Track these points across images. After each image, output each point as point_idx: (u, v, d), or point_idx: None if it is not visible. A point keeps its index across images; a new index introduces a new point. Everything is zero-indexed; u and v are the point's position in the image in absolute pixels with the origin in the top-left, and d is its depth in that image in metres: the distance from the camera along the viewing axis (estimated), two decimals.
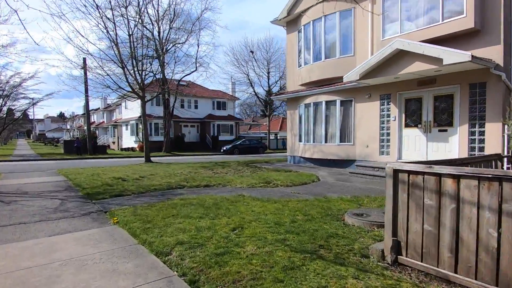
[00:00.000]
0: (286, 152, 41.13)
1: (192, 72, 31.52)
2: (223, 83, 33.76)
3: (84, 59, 28.43)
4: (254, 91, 40.26)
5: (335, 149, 14.09)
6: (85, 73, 29.44)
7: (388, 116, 12.22)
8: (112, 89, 19.15)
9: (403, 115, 11.82)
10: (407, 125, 11.74)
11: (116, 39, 17.14)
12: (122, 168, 16.02)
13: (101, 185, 10.29)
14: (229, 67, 50.77)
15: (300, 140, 16.15)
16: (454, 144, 10.31)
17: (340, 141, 13.93)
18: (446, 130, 10.56)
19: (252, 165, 16.47)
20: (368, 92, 12.82)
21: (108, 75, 17.63)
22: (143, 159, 24.62)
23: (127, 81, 18.33)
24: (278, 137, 51.36)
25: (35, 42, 6.21)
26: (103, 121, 61.23)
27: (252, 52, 39.13)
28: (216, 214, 6.10)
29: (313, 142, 14.98)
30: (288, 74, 17.13)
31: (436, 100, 10.80)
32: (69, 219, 6.20)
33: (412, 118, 11.55)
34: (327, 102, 14.31)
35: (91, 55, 17.26)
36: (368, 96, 12.86)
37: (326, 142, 14.46)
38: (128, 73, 18.30)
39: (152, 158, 26.94)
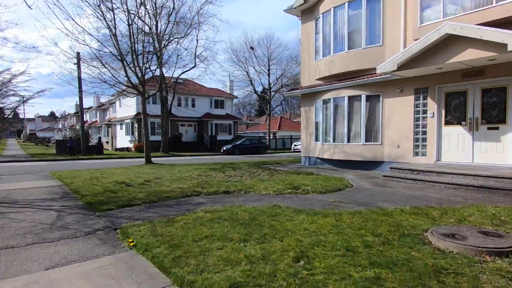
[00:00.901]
0: (289, 152, 40.05)
1: (191, 68, 30.03)
2: (222, 81, 32.26)
3: (78, 54, 26.85)
4: (254, 89, 38.94)
5: (360, 149, 12.81)
6: (79, 68, 27.81)
7: (425, 112, 10.97)
8: (109, 85, 17.66)
9: (443, 111, 10.58)
10: (448, 123, 10.50)
11: (115, 27, 15.66)
12: (122, 170, 14.56)
13: (103, 191, 8.86)
14: (227, 65, 49.26)
15: (317, 140, 14.85)
16: (508, 144, 9.09)
17: (366, 141, 12.66)
18: (497, 128, 9.34)
19: (264, 166, 15.12)
20: (400, 86, 11.56)
21: (105, 66, 16.12)
22: (142, 160, 23.13)
23: (127, 75, 16.85)
24: (278, 137, 50.08)
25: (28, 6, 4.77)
26: (96, 120, 59.34)
27: (252, 48, 37.80)
28: (261, 235, 4.75)
29: (334, 141, 13.68)
30: (302, 67, 15.80)
31: (484, 94, 9.57)
32: (71, 240, 4.80)
33: (455, 114, 10.32)
34: (350, 98, 13.02)
35: (88, 46, 15.73)
36: (399, 90, 11.59)
37: (349, 141, 13.17)
38: (127, 66, 16.81)
39: (152, 159, 25.56)
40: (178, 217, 5.94)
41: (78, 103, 79.00)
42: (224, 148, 32.78)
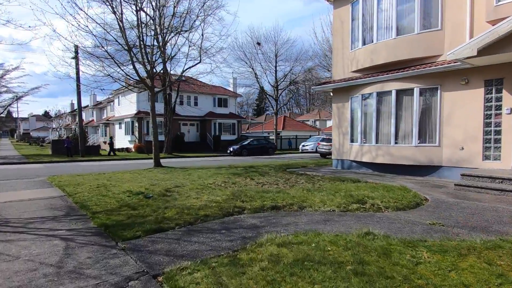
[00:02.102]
0: (297, 153, 38.16)
1: (196, 64, 28.12)
2: (225, 78, 30.21)
3: (76, 47, 24.85)
4: (260, 87, 37.07)
5: (411, 151, 11.03)
6: (77, 62, 25.82)
7: (498, 108, 9.24)
8: (113, 79, 15.72)
9: None
10: None
11: (121, 12, 13.75)
12: (131, 175, 12.67)
13: (118, 206, 7.02)
14: (232, 60, 47.21)
15: (352, 141, 13.06)
16: None
17: (419, 142, 10.89)
18: None
19: (292, 171, 13.32)
20: (465, 77, 9.81)
21: (110, 56, 14.17)
22: (148, 161, 21.20)
23: (134, 68, 14.92)
24: (283, 137, 48.21)
25: None
26: (93, 120, 57.15)
27: (259, 44, 35.91)
28: None
29: (376, 142, 11.89)
30: (334, 59, 13.99)
31: None
32: None
33: None
34: (398, 92, 11.23)
35: (91, 34, 13.82)
36: (464, 82, 9.84)
37: (396, 142, 11.40)
38: (134, 58, 14.90)
39: (150, 161, 23.49)
40: (241, 253, 4.12)
41: (73, 101, 76.50)
42: (231, 148, 30.90)
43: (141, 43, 14.72)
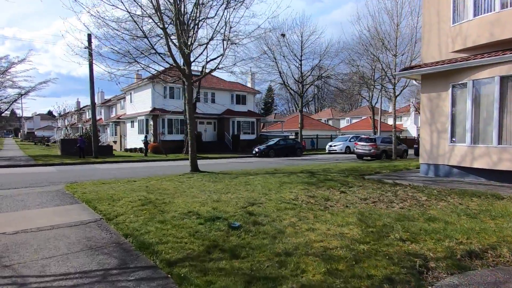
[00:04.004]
0: (324, 153, 34.98)
1: (219, 57, 25.38)
2: (243, 73, 27.59)
3: (89, 36, 22.18)
4: (284, 82, 34.21)
5: None
6: (90, 53, 23.10)
7: None
8: (141, 65, 13.00)
9: None
10: None
11: None
12: (171, 183, 9.99)
13: (201, 245, 4.34)
14: (254, 53, 44.24)
15: (454, 141, 10.23)
16: None
17: None
18: None
19: (373, 179, 10.57)
20: None
21: (145, 36, 11.42)
22: (172, 164, 18.37)
23: (169, 51, 12.16)
24: (303, 136, 45.31)
25: None
26: (101, 118, 54.48)
27: (283, 35, 33.06)
28: None
29: (499, 143, 9.04)
30: (426, 37, 11.12)
31: None
32: None
33: None
34: None
35: (116, 7, 11.06)
36: None
37: None
38: (169, 39, 12.17)
39: (177, 163, 20.92)
40: None
41: (79, 99, 74.01)
42: (256, 149, 28.14)
43: (177, 21, 11.95)
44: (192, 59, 12.94)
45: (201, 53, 12.70)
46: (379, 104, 34.77)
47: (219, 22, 12.29)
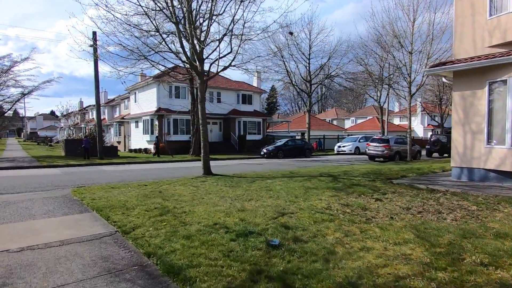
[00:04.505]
0: (333, 154, 34.12)
1: (228, 54, 24.74)
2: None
3: (94, 33, 21.55)
4: (291, 81, 33.48)
5: None
6: (95, 51, 22.46)
7: None
8: (151, 62, 12.31)
9: None
10: None
11: None
12: (185, 189, 9.30)
13: (242, 271, 3.66)
14: (260, 50, 43.51)
15: (491, 143, 9.46)
16: None
17: None
18: None
19: (402, 183, 9.82)
20: None
21: (157, 31, 10.72)
22: (180, 165, 17.66)
23: (182, 46, 11.46)
24: (310, 137, 44.57)
25: None
26: (104, 118, 53.82)
27: (291, 33, 32.27)
28: None
29: None
30: (459, 30, 10.33)
31: None
32: None
33: None
34: None
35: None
36: None
37: None
38: (181, 34, 11.46)
39: (185, 164, 20.45)
40: None
41: (82, 99, 73.42)
42: (265, 150, 27.41)
43: (190, 15, 11.25)
44: (204, 56, 12.22)
45: (215, 49, 11.95)
46: (386, 104, 34.06)
47: (234, 16, 11.56)
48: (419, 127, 59.66)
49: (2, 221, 5.98)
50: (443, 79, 11.60)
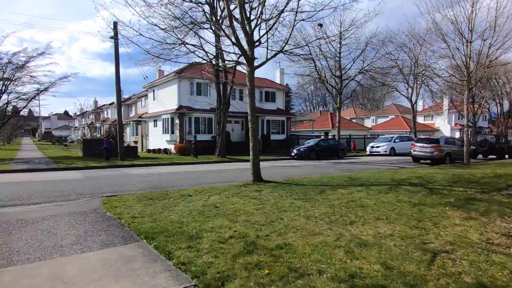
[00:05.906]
0: (366, 155, 31.19)
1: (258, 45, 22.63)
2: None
3: (115, 23, 19.75)
4: (320, 77, 31.29)
5: None
6: (116, 42, 20.69)
7: None
8: (189, 50, 10.30)
9: None
10: None
11: None
12: (247, 202, 7.33)
13: None
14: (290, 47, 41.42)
15: None
16: None
17: None
18: None
19: None
20: None
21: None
22: (208, 167, 15.34)
23: (232, 28, 9.43)
24: (334, 137, 42.27)
25: None
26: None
27: (320, 25, 30.02)
28: None
29: None
30: None
31: None
32: None
33: None
34: None
35: None
36: None
37: None
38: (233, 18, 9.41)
39: (214, 166, 16.48)
40: None
41: (97, 98, 72.35)
42: (295, 151, 25.36)
43: None
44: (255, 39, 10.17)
45: (269, 29, 9.86)
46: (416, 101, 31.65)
47: None
48: (446, 127, 56.84)
49: (17, 259, 4.03)
50: None
